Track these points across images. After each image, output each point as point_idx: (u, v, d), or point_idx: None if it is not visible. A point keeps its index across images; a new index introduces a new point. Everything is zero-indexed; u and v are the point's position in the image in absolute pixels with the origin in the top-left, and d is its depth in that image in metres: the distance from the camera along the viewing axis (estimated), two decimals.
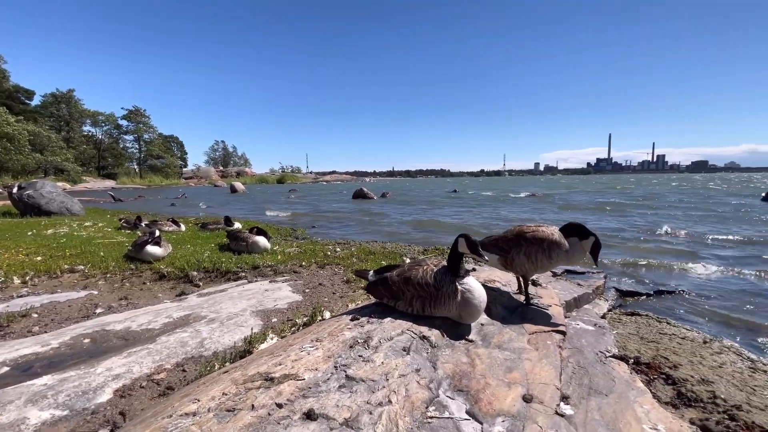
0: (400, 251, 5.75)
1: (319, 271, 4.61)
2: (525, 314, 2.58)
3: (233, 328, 2.88)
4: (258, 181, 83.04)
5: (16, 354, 2.53)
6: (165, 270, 4.41)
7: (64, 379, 2.16)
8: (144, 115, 72.50)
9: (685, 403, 2.18)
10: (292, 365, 1.60)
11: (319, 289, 3.92)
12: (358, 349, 1.77)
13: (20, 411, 1.88)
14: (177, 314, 3.15)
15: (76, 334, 2.80)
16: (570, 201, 19.77)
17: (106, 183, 56.19)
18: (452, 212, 14.78)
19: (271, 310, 3.29)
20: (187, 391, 1.70)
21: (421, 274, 2.18)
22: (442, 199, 24.04)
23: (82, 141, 64.17)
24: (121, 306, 3.59)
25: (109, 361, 2.37)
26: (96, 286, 4.10)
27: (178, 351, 2.53)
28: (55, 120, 60.85)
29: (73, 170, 51.72)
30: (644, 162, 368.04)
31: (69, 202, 11.01)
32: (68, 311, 3.45)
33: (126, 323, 2.99)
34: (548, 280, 3.71)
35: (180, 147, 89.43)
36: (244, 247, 5.23)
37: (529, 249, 2.49)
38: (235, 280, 4.36)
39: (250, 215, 13.96)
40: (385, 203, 20.20)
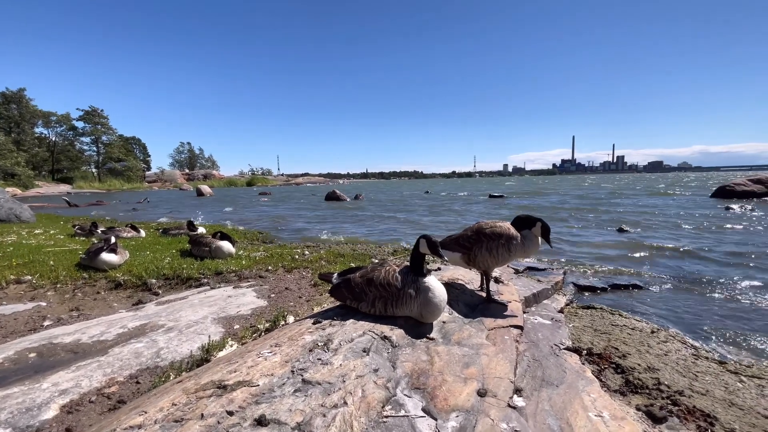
0: (370, 252, 5.76)
1: (286, 275, 4.55)
2: (485, 311, 2.65)
3: (192, 336, 2.79)
4: (226, 184, 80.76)
5: None
6: (121, 278, 4.21)
7: (6, 396, 2.02)
8: (102, 116, 68.78)
9: (633, 390, 2.31)
10: (247, 371, 1.57)
11: (285, 294, 3.86)
12: (318, 352, 1.77)
13: None
14: (132, 324, 3.02)
15: (21, 349, 2.62)
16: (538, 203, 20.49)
17: (60, 188, 52.80)
18: (424, 213, 14.96)
19: (234, 317, 3.21)
20: (137, 403, 1.63)
21: (383, 274, 2.20)
22: (414, 200, 24.28)
23: (35, 143, 60.07)
24: (72, 317, 3.40)
25: (56, 376, 2.24)
26: (45, 297, 3.85)
27: (132, 362, 2.42)
28: (4, 121, 56.61)
29: (24, 174, 48.30)
30: (605, 163, 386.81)
31: (18, 209, 10.27)
32: (14, 324, 3.23)
33: (76, 335, 2.83)
34: (510, 277, 3.83)
35: (143, 149, 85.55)
36: (207, 252, 5.07)
37: (490, 244, 2.58)
38: (197, 287, 4.22)
39: (216, 220, 13.55)
40: (357, 205, 20.17)
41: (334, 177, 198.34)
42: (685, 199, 18.37)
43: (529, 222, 2.64)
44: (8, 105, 58.11)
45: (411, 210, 16.49)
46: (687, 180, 55.74)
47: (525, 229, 2.63)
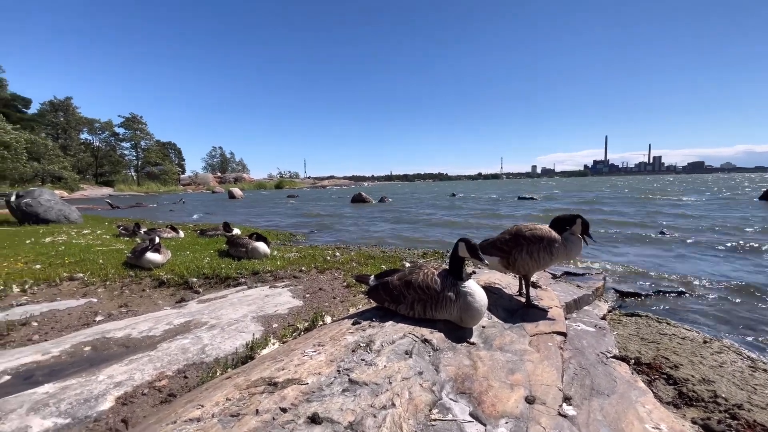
0: (400, 255, 5.76)
1: (319, 276, 4.61)
2: (526, 316, 2.59)
3: (234, 333, 2.88)
4: (256, 186, 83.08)
5: (17, 363, 2.52)
6: (165, 277, 4.41)
7: (65, 387, 2.15)
8: (141, 122, 72.54)
9: (687, 403, 2.19)
10: (295, 370, 1.60)
11: (320, 294, 3.92)
12: (361, 352, 1.78)
13: (22, 419, 1.87)
14: (177, 321, 3.15)
15: (77, 342, 2.79)
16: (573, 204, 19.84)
17: (103, 190, 56.05)
18: (451, 215, 14.80)
19: (272, 316, 3.29)
20: (191, 397, 1.70)
21: (422, 277, 2.19)
22: (440, 202, 24.09)
23: (80, 149, 64.15)
24: (121, 313, 3.58)
25: (110, 369, 2.36)
26: (95, 294, 4.09)
27: (180, 357, 2.53)
28: (52, 128, 60.88)
29: (70, 178, 51.64)
30: (641, 164, 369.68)
31: (67, 210, 10.99)
32: (68, 319, 3.44)
33: (126, 330, 2.98)
34: (548, 282, 3.72)
35: (178, 153, 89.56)
36: (244, 252, 5.23)
37: (531, 247, 2.52)
38: (235, 286, 4.35)
39: (248, 221, 13.95)
40: (383, 207, 20.22)
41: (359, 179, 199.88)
42: (731, 202, 17.26)
43: (569, 221, 2.57)
44: (56, 113, 62.39)
45: (438, 212, 16.36)
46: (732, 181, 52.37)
47: (565, 231, 2.57)
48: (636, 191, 30.50)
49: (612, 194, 27.30)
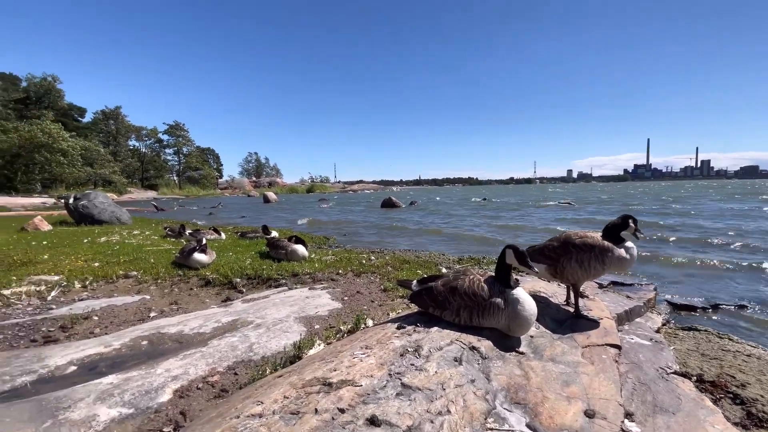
0: (435, 260, 5.72)
1: (356, 279, 4.66)
2: (575, 326, 2.49)
3: (279, 333, 2.96)
4: (289, 191, 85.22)
5: (82, 354, 2.71)
6: (210, 276, 4.61)
7: (127, 379, 2.29)
8: (183, 129, 76.67)
9: (757, 424, 2.02)
10: (347, 371, 1.62)
11: (357, 297, 3.95)
12: (409, 357, 1.78)
13: (90, 408, 2.00)
14: (225, 319, 3.28)
15: (135, 336, 2.96)
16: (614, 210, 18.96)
17: (148, 193, 59.53)
18: (484, 220, 14.54)
19: (313, 317, 3.35)
20: (247, 393, 1.76)
21: (468, 284, 2.16)
22: (472, 207, 23.72)
23: (128, 154, 68.61)
24: (172, 310, 3.78)
25: (167, 363, 2.49)
26: (148, 291, 4.34)
27: (229, 355, 2.63)
28: (104, 135, 65.43)
29: (119, 182, 55.28)
30: (687, 168, 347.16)
31: (118, 212, 11.76)
32: (125, 314, 3.67)
33: (179, 327, 3.14)
34: (594, 291, 3.56)
35: (216, 159, 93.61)
36: (284, 255, 5.38)
37: (581, 256, 2.43)
38: (276, 287, 4.48)
39: (284, 224, 14.34)
40: (414, 212, 20.17)
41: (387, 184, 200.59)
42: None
43: (621, 225, 2.47)
44: (107, 121, 67.10)
45: (469, 217, 16.12)
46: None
47: (619, 240, 2.45)
48: (684, 197, 28.69)
49: (653, 198, 25.82)
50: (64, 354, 2.69)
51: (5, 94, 50.87)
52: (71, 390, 2.17)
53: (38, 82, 55.32)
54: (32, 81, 55.26)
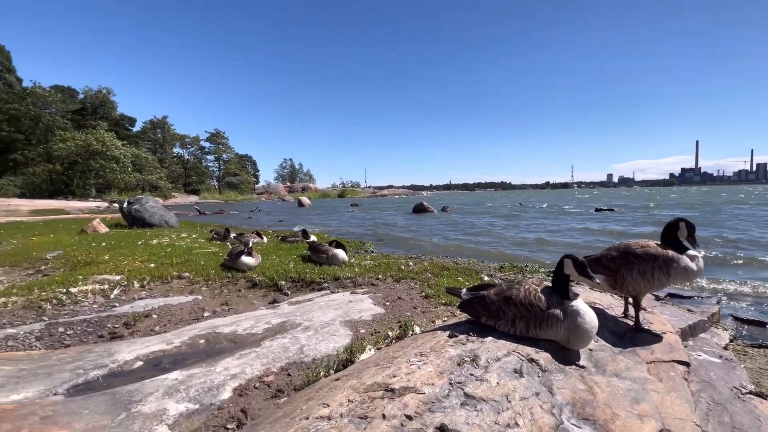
0: (474, 267, 5.63)
1: (396, 285, 4.67)
2: (636, 341, 2.38)
3: (327, 336, 3.02)
4: (321, 195, 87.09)
5: (147, 350, 2.89)
6: (257, 279, 4.78)
7: (190, 376, 2.42)
8: (223, 137, 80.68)
9: None
10: (407, 378, 1.63)
11: (399, 303, 3.96)
12: (467, 367, 1.77)
13: (159, 402, 2.12)
14: (275, 321, 3.39)
15: (193, 335, 3.12)
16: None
17: (190, 198, 62.80)
18: (521, 226, 14.15)
19: (358, 321, 3.40)
20: (307, 395, 1.82)
21: (524, 294, 2.12)
22: (506, 212, 23.16)
23: (173, 161, 72.94)
24: (224, 311, 3.95)
25: (225, 362, 2.61)
26: (200, 292, 4.57)
27: (282, 356, 2.71)
28: (151, 143, 69.93)
29: (165, 187, 58.69)
30: (741, 172, 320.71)
31: (167, 216, 12.49)
32: (180, 314, 3.87)
33: (232, 327, 3.28)
34: (653, 304, 3.38)
35: (253, 165, 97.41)
36: (324, 259, 5.49)
37: (644, 266, 2.32)
38: (319, 290, 4.58)
39: (319, 228, 14.64)
40: (447, 217, 19.97)
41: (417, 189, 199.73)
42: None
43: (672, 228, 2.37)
44: (155, 130, 71.72)
45: (504, 223, 15.74)
46: None
47: (682, 248, 2.33)
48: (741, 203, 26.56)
49: (703, 202, 24.07)
50: (131, 350, 2.88)
51: (64, 106, 55.41)
52: (141, 384, 2.32)
53: (94, 95, 60.00)
54: (89, 93, 60.00)
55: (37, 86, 52.23)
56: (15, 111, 48.62)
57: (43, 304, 4.02)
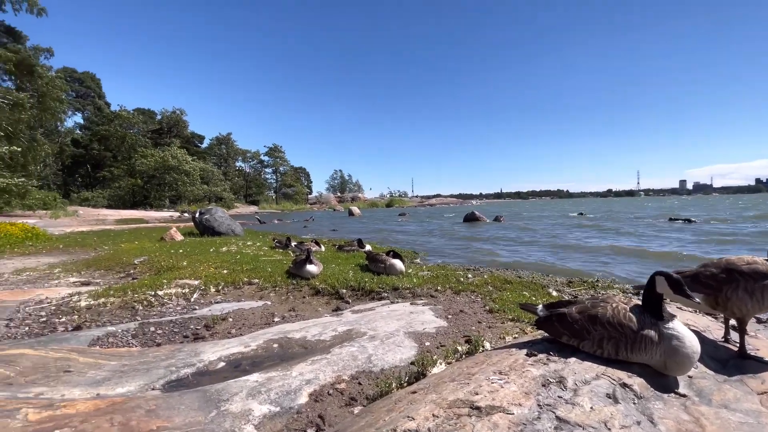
0: (539, 281, 5.37)
1: (456, 297, 4.59)
2: (742, 368, 2.12)
3: (393, 347, 3.04)
4: (369, 205, 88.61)
5: (228, 352, 3.10)
6: (320, 286, 4.96)
7: (269, 379, 2.55)
8: (280, 151, 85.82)
9: None
10: (491, 397, 1.59)
11: (462, 317, 3.88)
12: (554, 389, 1.68)
13: (244, 403, 2.26)
14: (340, 328, 3.48)
15: (267, 339, 3.31)
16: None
17: (251, 208, 67.04)
18: (584, 237, 13.26)
19: (422, 333, 3.38)
20: (386, 406, 1.84)
21: (611, 312, 1.98)
22: (566, 222, 21.87)
23: (235, 174, 78.65)
24: (291, 316, 4.14)
25: (299, 367, 2.72)
26: (269, 297, 4.83)
27: (351, 364, 2.77)
28: (217, 158, 76.03)
29: (228, 198, 63.36)
30: None
31: (233, 225, 13.43)
32: (253, 318, 4.12)
33: (302, 333, 3.42)
34: (755, 327, 2.99)
35: (306, 176, 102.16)
36: (382, 268, 5.56)
37: (751, 285, 2.07)
38: (379, 300, 4.63)
39: (370, 238, 14.86)
40: (501, 227, 19.30)
41: (466, 198, 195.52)
42: None
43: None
44: (220, 146, 77.89)
45: (566, 234, 14.85)
46: None
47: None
48: None
49: None
50: (214, 351, 3.11)
51: (145, 126, 62.29)
52: (226, 384, 2.49)
53: (169, 115, 66.73)
54: (165, 114, 66.88)
55: (123, 109, 59.28)
56: (105, 132, 55.50)
57: (136, 305, 4.48)
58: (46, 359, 2.79)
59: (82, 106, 60.97)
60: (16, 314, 4.28)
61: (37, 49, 32.55)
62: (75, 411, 1.91)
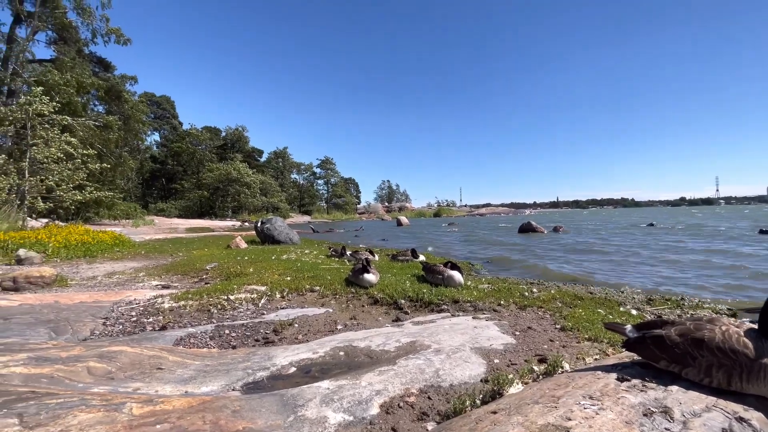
0: (614, 297, 4.96)
1: (521, 313, 4.38)
2: None
3: (460, 362, 2.95)
4: (416, 215, 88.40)
5: (297, 357, 3.20)
6: (378, 296, 4.99)
7: (340, 387, 2.59)
8: (331, 163, 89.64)
9: None
10: (587, 423, 1.48)
11: (531, 334, 3.68)
12: (659, 420, 1.53)
13: (319, 410, 2.30)
14: (404, 340, 3.46)
15: (333, 347, 3.37)
16: None
17: (304, 218, 70.04)
18: (658, 250, 12.06)
19: (489, 350, 3.25)
20: (466, 425, 1.78)
21: (722, 337, 1.77)
22: (636, 233, 20.09)
23: (290, 185, 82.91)
24: (353, 325, 4.20)
25: (367, 377, 2.73)
26: (330, 305, 4.95)
27: (419, 377, 2.73)
28: (274, 171, 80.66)
29: (284, 208, 66.82)
30: None
31: (291, 234, 14.08)
32: (316, 325, 4.23)
33: (366, 342, 3.44)
34: None
35: (356, 187, 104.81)
36: (440, 280, 5.48)
37: None
38: (438, 312, 4.55)
39: (422, 248, 14.75)
40: (561, 238, 18.21)
41: (519, 207, 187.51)
42: None
43: None
44: (277, 159, 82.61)
45: (636, 246, 13.62)
46: None
47: None
48: None
49: None
50: (284, 355, 3.23)
51: (211, 143, 67.98)
52: (300, 390, 2.56)
53: (232, 132, 72.19)
54: (228, 131, 72.45)
55: (193, 128, 65.37)
56: (178, 148, 61.32)
57: (211, 309, 4.81)
58: (141, 356, 3.07)
59: (159, 126, 68.12)
60: (111, 313, 4.78)
61: (124, 77, 36.93)
62: (172, 407, 2.07)
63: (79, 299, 5.25)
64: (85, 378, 2.66)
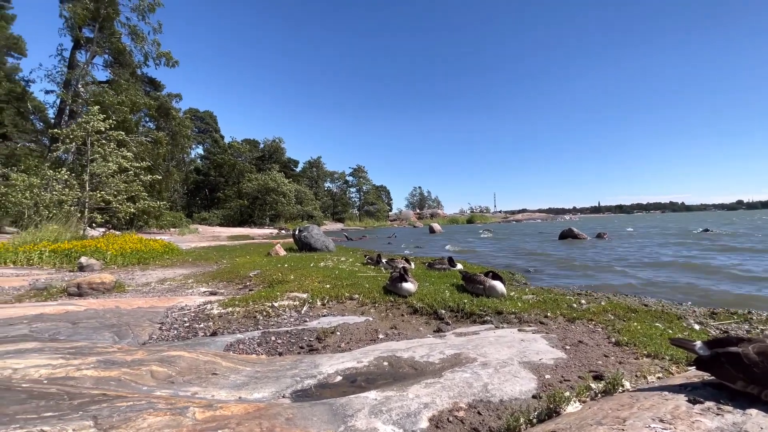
0: (671, 310, 4.63)
1: (570, 326, 4.19)
2: None
3: (509, 377, 2.86)
4: (449, 221, 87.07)
5: (343, 366, 3.24)
6: (417, 305, 4.96)
7: (387, 398, 2.58)
8: (363, 171, 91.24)
9: None
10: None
11: (582, 348, 3.51)
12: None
13: (368, 421, 2.30)
14: (448, 351, 3.41)
15: (377, 356, 3.38)
16: None
17: (337, 225, 71.34)
18: (718, 257, 11.13)
19: (538, 365, 3.13)
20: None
21: None
22: (689, 240, 18.69)
23: (324, 194, 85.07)
24: (394, 334, 4.19)
25: (413, 388, 2.71)
26: (369, 314, 4.97)
27: (467, 391, 2.67)
28: (308, 180, 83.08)
29: (318, 216, 68.47)
30: None
31: (327, 241, 14.34)
32: (358, 333, 4.26)
33: (409, 353, 3.43)
34: None
35: (387, 194, 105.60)
36: (481, 290, 5.35)
37: None
38: (481, 323, 4.45)
39: (457, 255, 14.52)
40: (605, 246, 17.27)
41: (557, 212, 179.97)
42: None
43: None
44: (312, 169, 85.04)
45: (691, 253, 12.66)
46: None
47: None
48: None
49: None
50: (330, 364, 3.28)
51: (251, 154, 71.20)
52: (348, 399, 2.58)
53: (270, 144, 75.17)
54: (267, 143, 75.53)
55: (234, 140, 68.80)
56: (220, 160, 64.61)
57: (257, 315, 4.97)
58: (197, 361, 3.22)
59: (202, 140, 72.18)
60: (165, 319, 5.06)
61: (171, 96, 39.68)
62: (230, 413, 2.15)
63: (137, 304, 5.61)
64: (148, 381, 2.83)
